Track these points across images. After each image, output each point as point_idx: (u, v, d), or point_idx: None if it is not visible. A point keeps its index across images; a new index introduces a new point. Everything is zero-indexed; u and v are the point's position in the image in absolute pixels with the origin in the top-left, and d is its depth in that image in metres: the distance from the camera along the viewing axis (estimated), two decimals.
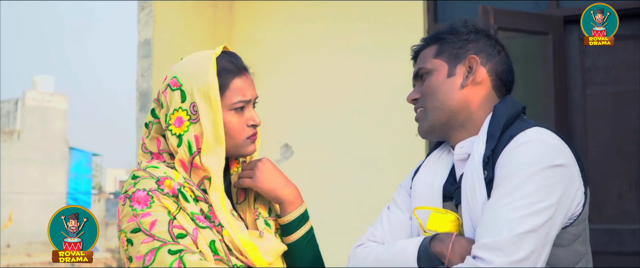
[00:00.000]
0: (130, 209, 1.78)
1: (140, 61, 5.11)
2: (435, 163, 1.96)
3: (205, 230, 1.82)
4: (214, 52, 1.89)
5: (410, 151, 4.99)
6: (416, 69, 1.97)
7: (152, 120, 1.93)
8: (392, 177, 5.09)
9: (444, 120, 1.89)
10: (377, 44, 5.15)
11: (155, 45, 5.08)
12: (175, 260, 1.72)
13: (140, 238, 1.76)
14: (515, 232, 1.61)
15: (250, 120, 1.91)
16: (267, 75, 5.54)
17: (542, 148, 1.70)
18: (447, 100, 1.88)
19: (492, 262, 1.59)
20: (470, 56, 1.89)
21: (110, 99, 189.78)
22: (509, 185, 1.66)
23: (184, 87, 1.86)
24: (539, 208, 1.64)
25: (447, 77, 1.89)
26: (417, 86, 1.97)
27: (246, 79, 1.93)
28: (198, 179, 1.86)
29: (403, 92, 5.00)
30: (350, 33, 5.26)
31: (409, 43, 5.02)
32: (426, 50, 1.96)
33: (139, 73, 5.13)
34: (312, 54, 5.41)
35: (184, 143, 1.84)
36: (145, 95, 5.10)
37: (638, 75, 4.47)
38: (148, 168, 1.85)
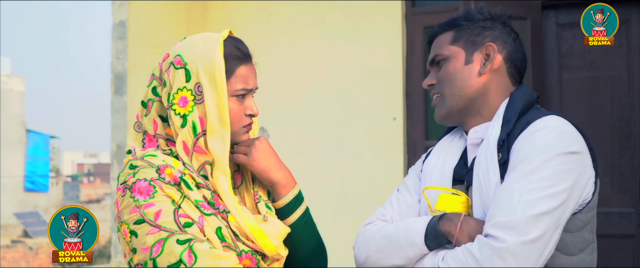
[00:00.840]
0: (132, 200, 1.74)
1: (114, 43, 5.03)
2: (446, 148, 1.99)
3: (210, 217, 1.78)
4: (222, 35, 1.86)
5: (388, 135, 5.00)
6: (433, 55, 1.97)
7: (153, 97, 1.88)
8: (369, 160, 5.12)
9: (461, 107, 1.91)
10: (355, 28, 5.14)
11: (130, 27, 5.01)
12: (185, 250, 1.69)
13: (145, 229, 1.72)
14: (530, 212, 1.63)
15: (248, 109, 1.87)
16: None
17: (560, 135, 1.73)
18: (465, 87, 1.90)
19: (505, 240, 1.61)
20: (487, 44, 1.90)
21: (82, 81, 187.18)
22: (525, 168, 1.69)
23: (189, 66, 1.81)
24: (554, 192, 1.66)
25: (465, 64, 1.91)
26: (433, 72, 1.98)
27: (250, 67, 1.89)
28: (198, 164, 1.82)
29: (380, 76, 5.04)
30: (328, 17, 5.24)
31: (386, 27, 5.08)
32: (442, 36, 1.96)
33: (113, 55, 5.05)
34: (289, 38, 5.38)
35: (188, 123, 1.80)
36: (120, 78, 5.03)
37: (613, 61, 4.53)
38: (146, 157, 1.80)
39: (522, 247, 1.61)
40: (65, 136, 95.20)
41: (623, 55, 4.52)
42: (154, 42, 5.20)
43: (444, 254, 1.72)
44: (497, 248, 1.61)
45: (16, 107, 25.85)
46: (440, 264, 1.70)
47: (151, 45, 5.18)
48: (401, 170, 4.96)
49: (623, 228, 4.40)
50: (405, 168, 4.96)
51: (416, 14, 5.03)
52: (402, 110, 4.99)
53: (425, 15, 4.99)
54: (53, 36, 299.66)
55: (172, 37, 5.31)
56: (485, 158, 1.79)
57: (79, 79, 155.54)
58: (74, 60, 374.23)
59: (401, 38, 5.00)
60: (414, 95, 4.99)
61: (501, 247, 1.61)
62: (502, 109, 1.86)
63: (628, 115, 4.47)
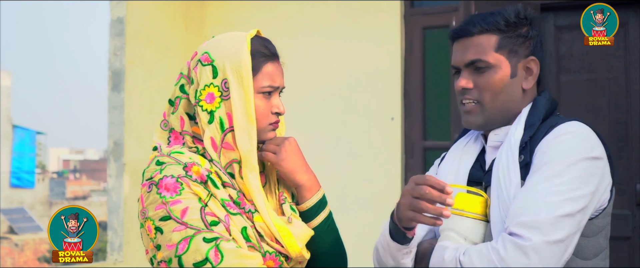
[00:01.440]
0: (158, 196, 1.74)
1: (112, 39, 5.01)
2: (461, 150, 1.99)
3: (236, 216, 1.79)
4: (249, 33, 1.87)
5: (385, 135, 5.01)
6: (474, 57, 1.86)
7: (180, 95, 1.89)
8: (367, 160, 5.12)
9: (498, 118, 1.89)
10: (353, 28, 5.14)
11: (128, 24, 4.99)
12: (212, 249, 1.69)
13: (171, 226, 1.72)
14: (554, 214, 1.65)
15: (275, 107, 1.88)
16: None
17: (584, 140, 1.76)
18: (509, 101, 1.87)
19: (530, 238, 1.63)
20: (531, 58, 1.88)
21: (80, 78, 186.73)
22: (549, 171, 1.70)
23: (216, 62, 1.83)
24: (577, 195, 1.68)
25: (511, 78, 1.86)
26: (468, 74, 1.89)
27: (277, 66, 1.90)
28: (226, 161, 1.83)
29: (379, 76, 5.04)
30: (326, 17, 5.24)
31: (385, 27, 5.08)
32: (484, 38, 1.87)
33: (111, 52, 5.03)
34: (286, 37, 5.37)
35: (215, 119, 1.81)
36: (117, 74, 5.00)
37: (611, 63, 4.55)
38: (172, 154, 1.81)
39: (546, 246, 1.63)
40: (61, 133, 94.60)
41: (621, 58, 4.54)
42: (151, 39, 5.18)
43: (465, 249, 1.73)
44: (522, 246, 1.63)
45: (3, 103, 25.68)
46: (461, 257, 1.71)
47: (149, 42, 5.17)
48: (399, 170, 4.96)
49: (619, 230, 4.43)
50: (403, 168, 4.97)
51: (415, 14, 5.03)
52: (400, 110, 4.99)
53: (424, 15, 5.00)
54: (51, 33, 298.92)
55: (169, 35, 5.30)
56: (507, 159, 1.79)
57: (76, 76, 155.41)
58: (71, 56, 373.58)
59: (400, 38, 5.00)
60: (412, 96, 5.00)
61: (526, 245, 1.63)
62: (524, 113, 1.86)
63: (625, 118, 4.49)
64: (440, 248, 1.78)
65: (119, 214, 4.95)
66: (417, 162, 4.95)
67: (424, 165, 4.94)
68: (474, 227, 1.81)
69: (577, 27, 4.68)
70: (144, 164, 5.77)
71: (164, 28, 5.27)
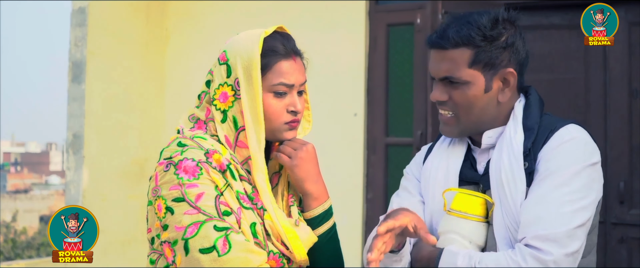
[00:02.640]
0: (175, 177, 1.72)
1: (73, 30, 4.91)
2: (447, 149, 1.97)
3: (248, 211, 1.77)
4: (265, 31, 1.85)
5: (348, 131, 5.02)
6: (446, 74, 1.83)
7: (206, 89, 1.89)
8: (329, 156, 5.11)
9: (475, 129, 1.89)
10: (317, 25, 5.14)
11: (90, 14, 4.90)
12: (221, 238, 1.68)
13: (183, 208, 1.70)
14: (569, 226, 1.70)
15: (290, 105, 1.84)
16: (200, 49, 5.45)
17: (586, 147, 1.79)
18: (484, 115, 1.85)
19: (551, 252, 1.67)
20: (508, 70, 1.83)
21: (41, 69, 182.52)
22: (558, 180, 1.73)
23: (230, 61, 1.82)
24: (586, 204, 1.74)
25: (485, 92, 1.83)
26: (442, 86, 1.87)
27: (294, 63, 1.86)
28: (242, 158, 1.81)
29: (342, 73, 5.05)
30: (290, 13, 5.22)
31: (349, 23, 5.09)
32: (456, 53, 1.81)
33: (72, 42, 4.93)
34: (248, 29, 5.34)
35: (229, 118, 1.81)
36: (78, 66, 4.92)
37: (571, 64, 4.64)
38: (195, 138, 1.80)
39: (565, 258, 1.69)
40: (21, 124, 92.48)
41: (580, 59, 4.63)
42: (113, 30, 5.11)
43: (480, 257, 1.74)
44: (544, 260, 1.67)
45: None
46: (476, 265, 1.72)
47: (110, 33, 5.09)
48: (361, 166, 4.98)
49: None
50: (365, 164, 4.99)
51: (379, 11, 5.05)
52: (363, 106, 5.01)
53: (389, 12, 5.02)
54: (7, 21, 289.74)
55: (131, 26, 5.23)
56: (510, 164, 1.79)
57: (35, 66, 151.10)
58: (30, 46, 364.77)
59: (364, 35, 5.02)
60: (375, 92, 5.02)
61: (547, 260, 1.67)
62: (518, 113, 1.85)
63: (585, 118, 4.58)
64: (449, 253, 1.77)
65: None
66: (379, 158, 4.98)
67: (386, 162, 4.97)
68: (477, 229, 1.82)
69: (538, 27, 4.78)
70: (104, 157, 5.64)
71: (126, 19, 5.20)
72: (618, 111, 4.50)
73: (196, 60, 5.47)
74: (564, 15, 4.61)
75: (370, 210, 4.94)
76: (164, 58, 5.51)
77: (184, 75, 5.52)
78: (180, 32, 5.55)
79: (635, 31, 4.48)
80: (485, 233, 1.82)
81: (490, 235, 1.81)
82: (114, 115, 5.12)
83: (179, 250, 1.70)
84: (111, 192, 5.06)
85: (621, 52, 4.50)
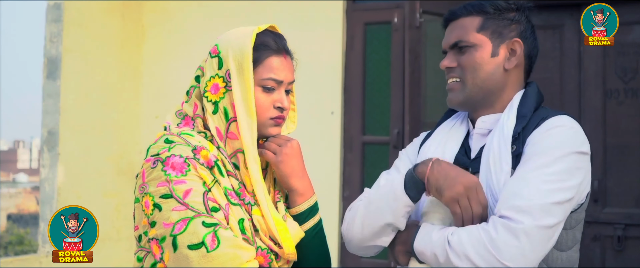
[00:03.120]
0: (163, 173, 1.71)
1: (48, 26, 4.86)
2: (447, 134, 2.01)
3: (236, 207, 1.77)
4: (258, 27, 1.87)
5: (325, 129, 5.03)
6: (455, 40, 1.93)
7: (195, 84, 1.90)
8: (306, 154, 5.09)
9: (479, 97, 1.92)
10: (295, 23, 5.13)
11: (65, 10, 4.85)
12: (209, 234, 1.67)
13: (171, 205, 1.69)
14: (545, 200, 1.70)
15: (277, 101, 1.85)
16: (176, 46, 5.43)
17: (575, 135, 1.80)
18: (488, 79, 1.91)
19: (521, 221, 1.67)
20: (514, 39, 1.92)
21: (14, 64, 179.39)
22: (540, 161, 1.74)
23: (222, 54, 1.83)
24: (566, 186, 1.73)
25: (491, 56, 1.90)
26: (452, 54, 1.95)
27: (284, 60, 1.88)
28: (232, 150, 1.82)
29: (320, 71, 5.06)
30: (268, 10, 5.22)
31: (326, 21, 5.10)
32: (467, 20, 1.93)
33: (47, 38, 4.88)
34: (225, 28, 5.32)
35: (220, 110, 1.81)
36: (53, 62, 4.86)
37: (546, 64, 4.69)
38: (182, 134, 1.80)
39: (537, 230, 1.67)
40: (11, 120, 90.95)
41: (556, 59, 4.69)
42: (89, 26, 5.06)
43: (454, 229, 1.75)
44: (513, 229, 1.67)
45: None
46: (449, 237, 1.73)
47: (86, 29, 5.05)
48: (338, 163, 5.00)
49: None
50: (341, 162, 5.01)
51: (357, 10, 5.07)
52: (340, 104, 5.02)
53: (366, 11, 5.04)
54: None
55: (107, 22, 5.19)
56: (498, 146, 1.82)
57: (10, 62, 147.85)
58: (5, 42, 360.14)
59: (341, 33, 5.03)
60: (352, 90, 5.04)
61: (517, 228, 1.66)
62: (515, 102, 1.89)
63: None
64: (426, 227, 1.80)
65: (52, 205, 4.82)
66: (355, 156, 4.99)
67: (362, 160, 4.99)
68: None
69: None
70: (79, 154, 5.60)
71: (101, 16, 5.16)
72: (592, 111, 4.56)
73: (172, 57, 5.44)
74: (539, 15, 4.65)
75: (347, 208, 4.94)
76: (140, 55, 5.47)
77: (160, 72, 5.49)
78: (156, 29, 5.52)
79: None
80: None
81: None
82: (90, 112, 5.08)
83: (167, 247, 1.70)
84: (87, 189, 5.02)
85: (595, 53, 4.56)
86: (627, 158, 4.49)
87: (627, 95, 4.52)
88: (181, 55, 5.38)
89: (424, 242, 1.77)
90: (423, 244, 1.77)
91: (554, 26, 4.71)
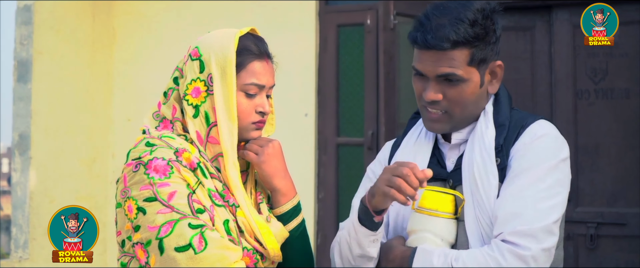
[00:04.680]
0: (146, 177, 1.70)
1: (18, 28, 4.81)
2: (415, 145, 1.97)
3: (220, 208, 1.77)
4: (240, 30, 1.87)
5: (299, 131, 5.03)
6: (446, 72, 1.80)
7: (173, 86, 1.88)
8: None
9: (464, 124, 1.89)
10: (268, 25, 5.11)
11: (35, 12, 4.81)
12: (196, 235, 1.67)
13: (155, 208, 1.69)
14: (546, 221, 1.72)
15: (259, 106, 1.85)
16: (148, 48, 5.39)
17: (556, 142, 1.83)
18: (477, 108, 1.87)
19: (529, 248, 1.69)
20: (497, 64, 1.87)
21: None
22: (533, 177, 1.76)
23: (203, 57, 1.82)
24: (560, 200, 1.78)
25: (480, 87, 1.84)
26: (437, 85, 1.83)
27: (266, 65, 1.88)
28: (212, 154, 1.82)
29: (293, 73, 5.05)
30: (240, 12, 5.21)
31: (299, 23, 5.10)
32: (457, 53, 1.79)
33: (17, 41, 4.83)
34: (200, 32, 5.25)
35: (201, 114, 1.80)
36: (24, 65, 4.81)
37: (518, 65, 4.72)
38: (163, 137, 1.79)
39: (543, 253, 1.71)
40: None
41: (528, 61, 4.73)
42: (59, 29, 5.01)
43: (456, 254, 1.74)
44: (522, 256, 1.69)
45: None
46: (454, 264, 1.72)
47: (57, 31, 5.00)
48: (312, 165, 5.00)
49: None
50: (316, 164, 5.01)
51: (330, 12, 5.07)
52: (314, 106, 5.03)
53: (339, 13, 5.05)
54: None
55: (77, 24, 5.15)
56: (482, 160, 1.81)
57: None
58: None
59: (314, 35, 5.03)
60: (326, 92, 5.04)
61: (526, 255, 1.69)
62: (489, 110, 1.88)
63: None
64: (424, 252, 1.77)
65: (24, 210, 4.76)
66: (330, 158, 5.00)
67: (337, 162, 4.99)
68: (447, 226, 1.82)
69: None
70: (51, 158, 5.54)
71: (72, 18, 5.11)
72: (564, 111, 4.61)
73: (144, 59, 5.41)
74: (510, 17, 4.69)
75: (322, 210, 4.96)
76: (111, 57, 5.43)
77: (132, 75, 5.45)
78: (127, 31, 5.48)
79: (579, 33, 4.59)
80: (455, 230, 1.83)
81: (461, 232, 1.82)
82: (62, 115, 5.03)
83: (153, 251, 1.69)
84: (59, 193, 4.97)
85: (566, 54, 4.61)
86: (598, 158, 4.55)
87: (597, 96, 4.58)
88: (153, 57, 5.35)
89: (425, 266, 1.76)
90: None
91: (525, 28, 4.75)
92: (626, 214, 4.44)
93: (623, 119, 4.52)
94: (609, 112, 4.54)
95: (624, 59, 4.53)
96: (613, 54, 4.55)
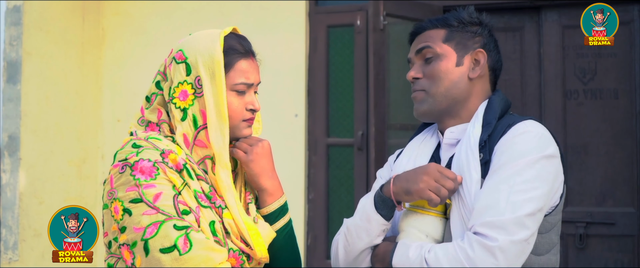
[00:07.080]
0: (132, 178, 1.71)
1: (8, 29, 4.79)
2: (417, 148, 2.04)
3: (206, 210, 1.78)
4: (223, 31, 1.88)
5: (289, 132, 5.04)
6: (422, 47, 1.97)
7: (156, 91, 1.88)
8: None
9: (444, 107, 1.96)
10: (258, 25, 5.13)
11: (25, 13, 4.79)
12: (181, 237, 1.68)
13: (141, 209, 1.69)
14: (518, 213, 1.71)
15: (249, 104, 1.87)
16: (137, 48, 5.38)
17: (540, 139, 1.83)
18: (453, 88, 1.94)
19: (496, 239, 1.69)
20: (478, 50, 1.96)
21: None
22: (510, 170, 1.76)
23: (189, 60, 1.82)
24: (537, 195, 1.75)
25: (456, 66, 1.94)
26: (418, 65, 1.99)
27: (252, 63, 1.90)
28: (198, 157, 1.82)
29: (283, 73, 5.06)
30: (230, 13, 5.21)
31: (289, 24, 5.11)
32: (433, 32, 1.97)
33: (6, 42, 4.81)
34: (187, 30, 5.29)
35: (189, 117, 1.81)
36: (13, 66, 4.79)
37: (507, 65, 4.74)
38: (150, 138, 1.79)
39: (512, 246, 1.69)
40: None
41: (517, 61, 4.75)
42: (49, 30, 5.00)
43: (431, 247, 1.77)
44: (489, 247, 1.69)
45: None
46: (426, 256, 1.75)
47: (47, 32, 4.98)
48: (302, 166, 5.00)
49: None
50: (306, 164, 5.01)
51: (320, 13, 5.08)
52: (304, 107, 5.03)
53: (329, 14, 5.06)
54: None
55: (67, 25, 5.13)
56: (466, 156, 1.84)
57: None
58: None
59: (304, 36, 5.04)
60: (316, 93, 5.05)
61: (493, 246, 1.68)
62: (480, 111, 1.92)
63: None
64: (403, 245, 1.81)
65: (14, 211, 4.74)
66: (320, 158, 5.01)
67: (327, 162, 5.00)
68: (433, 223, 1.85)
69: None
70: (41, 159, 5.51)
71: (62, 18, 5.09)
72: (553, 111, 4.63)
73: (133, 60, 5.40)
74: (500, 17, 4.72)
75: (312, 210, 4.97)
76: (100, 58, 5.42)
77: (121, 75, 5.44)
78: (116, 32, 5.47)
79: (567, 33, 4.63)
80: (442, 227, 1.86)
81: (447, 230, 1.85)
82: (51, 116, 5.01)
83: (139, 252, 1.70)
84: (49, 194, 4.95)
85: (555, 55, 4.64)
86: (587, 157, 4.57)
87: (586, 96, 4.60)
88: (143, 58, 5.33)
89: (402, 260, 1.79)
90: (401, 262, 1.79)
91: (514, 28, 4.78)
92: (615, 214, 4.47)
93: (612, 119, 4.54)
94: (598, 112, 4.57)
95: (612, 59, 4.56)
96: (601, 54, 4.58)
